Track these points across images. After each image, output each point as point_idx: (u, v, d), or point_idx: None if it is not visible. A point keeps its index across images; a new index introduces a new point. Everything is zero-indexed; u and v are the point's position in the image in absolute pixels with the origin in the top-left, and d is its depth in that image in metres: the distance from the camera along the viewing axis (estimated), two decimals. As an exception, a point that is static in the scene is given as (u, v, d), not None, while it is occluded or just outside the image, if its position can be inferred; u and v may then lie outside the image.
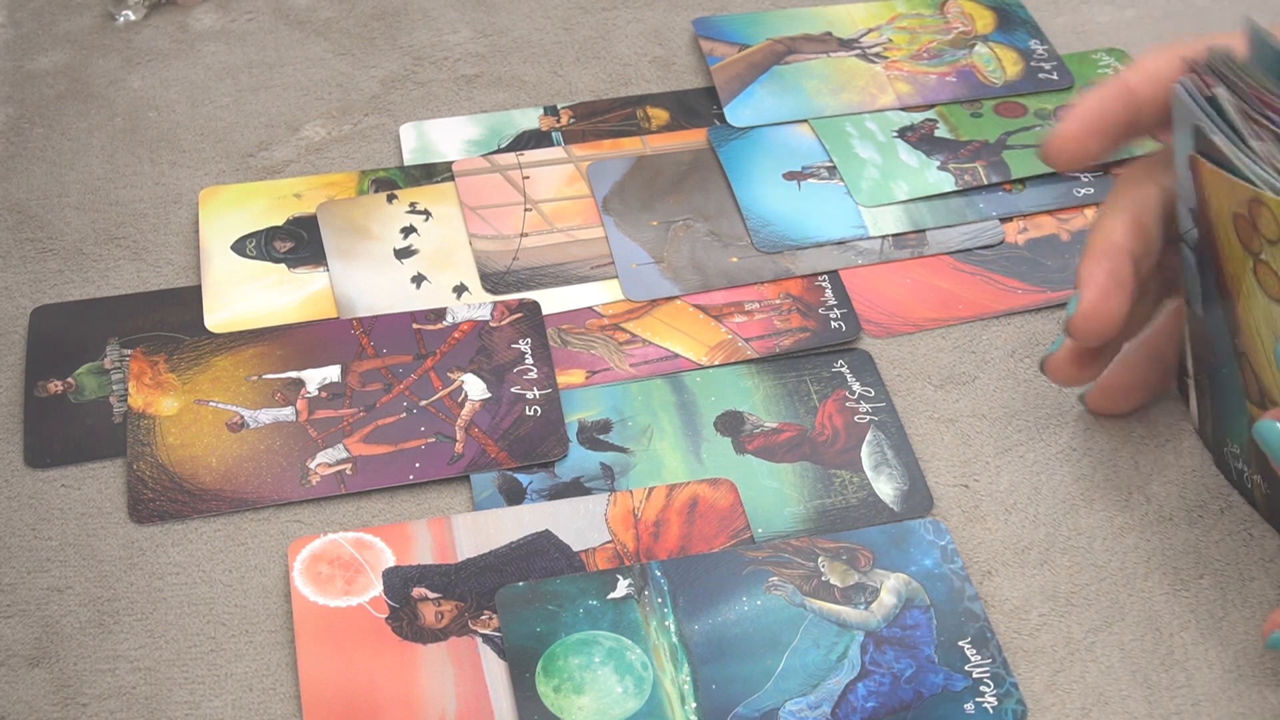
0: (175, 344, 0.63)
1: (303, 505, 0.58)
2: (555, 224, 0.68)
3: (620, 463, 0.59)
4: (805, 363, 0.63)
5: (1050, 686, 0.53)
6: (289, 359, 0.62)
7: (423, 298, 0.65)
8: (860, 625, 0.54)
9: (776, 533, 0.57)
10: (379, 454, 0.59)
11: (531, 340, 0.63)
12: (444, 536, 0.56)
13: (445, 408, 0.61)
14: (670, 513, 0.57)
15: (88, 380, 0.62)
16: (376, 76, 0.76)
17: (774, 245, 0.67)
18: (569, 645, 0.53)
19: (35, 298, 0.65)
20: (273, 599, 0.55)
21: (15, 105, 0.74)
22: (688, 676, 0.52)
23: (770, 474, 0.59)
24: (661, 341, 0.63)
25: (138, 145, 0.72)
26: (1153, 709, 0.52)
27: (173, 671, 0.53)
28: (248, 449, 0.59)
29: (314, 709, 0.51)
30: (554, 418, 0.60)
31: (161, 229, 0.68)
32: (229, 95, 0.75)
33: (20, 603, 0.55)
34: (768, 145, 0.71)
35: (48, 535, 0.57)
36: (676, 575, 0.55)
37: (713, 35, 0.77)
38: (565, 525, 0.57)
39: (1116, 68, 0.75)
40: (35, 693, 0.52)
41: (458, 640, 0.53)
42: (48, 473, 0.59)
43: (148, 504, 0.58)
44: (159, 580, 0.56)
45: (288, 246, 0.67)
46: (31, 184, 0.70)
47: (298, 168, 0.71)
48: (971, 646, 0.53)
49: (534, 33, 0.78)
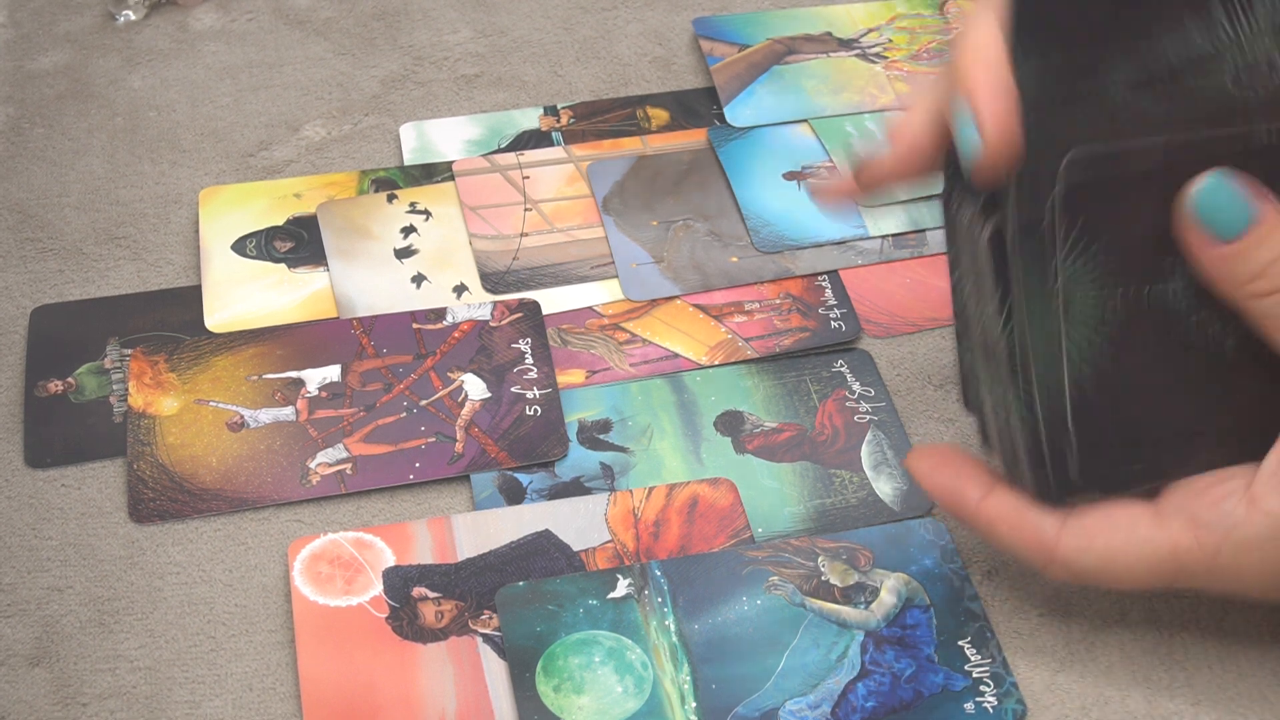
0: (175, 344, 0.63)
1: (303, 505, 0.58)
2: (555, 224, 0.68)
3: (620, 462, 0.59)
4: (805, 363, 0.63)
5: (1050, 686, 0.53)
6: (289, 359, 0.62)
7: (423, 297, 0.65)
8: (860, 625, 0.54)
9: (776, 532, 0.57)
10: (379, 454, 0.59)
11: (531, 340, 0.63)
12: (444, 536, 0.56)
13: (445, 407, 0.61)
14: (670, 512, 0.57)
15: (88, 380, 0.62)
16: (377, 76, 0.76)
17: (774, 245, 0.67)
18: (569, 645, 0.53)
19: (35, 297, 0.65)
20: (273, 599, 0.55)
21: (15, 105, 0.74)
22: (688, 676, 0.52)
23: (770, 474, 0.59)
24: (661, 341, 0.63)
25: (138, 145, 0.72)
26: (1153, 709, 0.52)
27: (173, 671, 0.53)
28: (248, 449, 0.59)
29: (314, 709, 0.51)
30: (554, 417, 0.60)
31: (162, 229, 0.68)
32: (229, 95, 0.75)
33: (20, 602, 0.55)
34: (768, 145, 0.71)
35: (48, 535, 0.57)
36: (676, 575, 0.55)
37: (713, 35, 0.77)
38: (565, 525, 0.57)
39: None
40: (35, 692, 0.52)
41: (458, 640, 0.53)
42: (48, 472, 0.59)
43: (148, 504, 0.58)
44: (159, 580, 0.56)
45: (288, 246, 0.67)
46: (32, 184, 0.70)
47: (298, 168, 0.71)
48: (971, 646, 0.53)
49: (534, 33, 0.78)
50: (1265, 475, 0.46)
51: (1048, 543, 0.48)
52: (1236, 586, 0.48)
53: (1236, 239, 0.45)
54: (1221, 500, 0.47)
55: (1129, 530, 0.48)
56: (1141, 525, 0.48)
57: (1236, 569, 0.47)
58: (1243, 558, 0.46)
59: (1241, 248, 0.45)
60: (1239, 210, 0.45)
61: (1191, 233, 0.45)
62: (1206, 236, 0.45)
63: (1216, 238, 0.45)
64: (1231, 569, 0.47)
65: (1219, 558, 0.47)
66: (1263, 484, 0.46)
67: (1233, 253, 0.45)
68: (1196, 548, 0.47)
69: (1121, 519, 0.48)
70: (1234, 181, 0.45)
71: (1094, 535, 0.48)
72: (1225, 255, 0.45)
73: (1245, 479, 0.47)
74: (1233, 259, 0.45)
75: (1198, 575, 0.47)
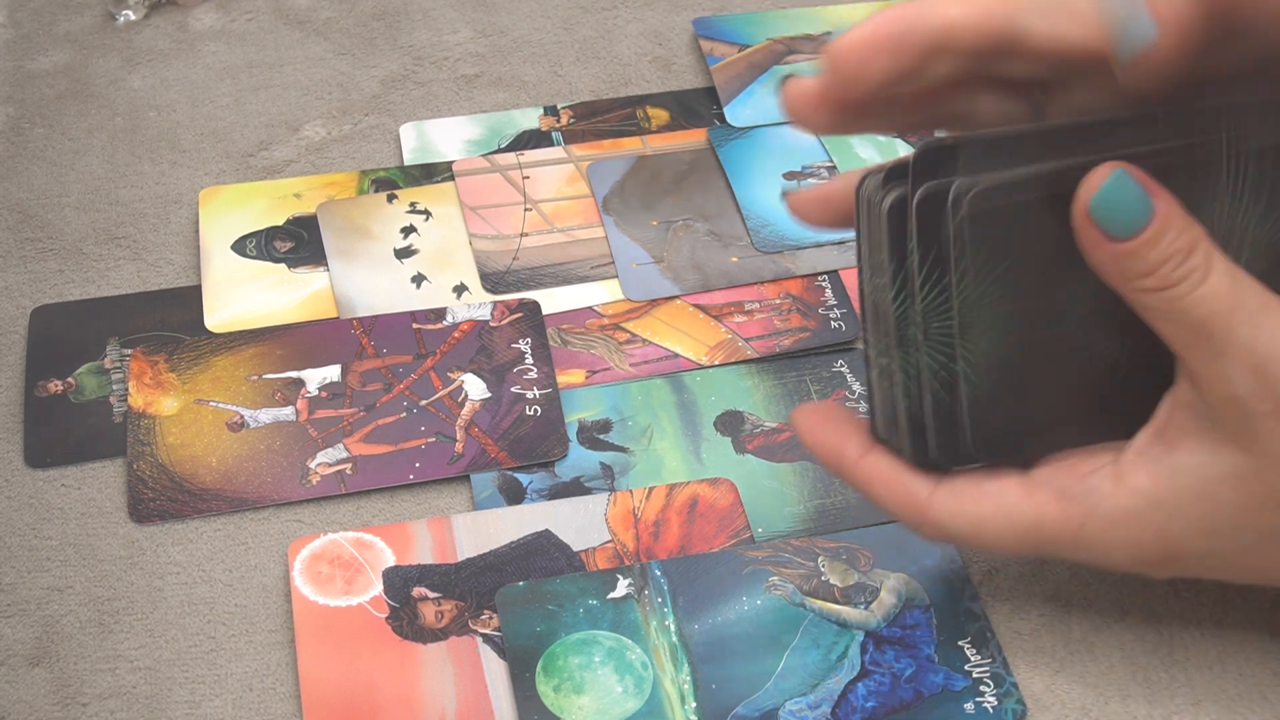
0: (175, 344, 0.63)
1: (303, 505, 0.58)
2: (555, 224, 0.68)
3: (620, 462, 0.59)
4: (805, 363, 0.63)
5: (1050, 687, 0.53)
6: (289, 359, 0.62)
7: (423, 297, 0.65)
8: (860, 625, 0.54)
9: (776, 532, 0.57)
10: (379, 454, 0.59)
11: (531, 340, 0.63)
12: (444, 536, 0.56)
13: (445, 407, 0.61)
14: (670, 512, 0.57)
15: (88, 380, 0.62)
16: (376, 76, 0.76)
17: (774, 245, 0.67)
18: (569, 645, 0.53)
19: (35, 297, 0.65)
20: (273, 599, 0.55)
21: (15, 105, 0.74)
22: (688, 676, 0.52)
23: (770, 474, 0.59)
24: (661, 341, 0.63)
25: (138, 145, 0.72)
26: (1153, 709, 0.52)
27: (173, 671, 0.53)
28: (248, 449, 0.59)
29: (314, 709, 0.51)
30: (554, 417, 0.60)
31: (161, 229, 0.68)
32: (229, 95, 0.75)
33: (20, 602, 0.55)
34: (768, 145, 0.71)
35: (48, 535, 0.57)
36: (676, 575, 0.55)
37: (713, 35, 0.77)
38: (565, 525, 0.57)
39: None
40: (35, 692, 0.52)
41: (458, 640, 0.53)
42: (48, 472, 0.59)
43: (148, 504, 0.58)
44: (159, 580, 0.56)
45: (288, 246, 0.67)
46: (32, 184, 0.70)
47: (298, 167, 0.71)
48: (971, 646, 0.53)
49: (534, 33, 0.78)
50: (1132, 453, 0.47)
51: (919, 504, 0.49)
52: (1102, 560, 0.48)
53: (1131, 239, 0.45)
54: (1088, 474, 0.47)
55: (998, 498, 0.48)
56: (1010, 494, 0.48)
57: (1101, 543, 0.47)
58: (1107, 532, 0.47)
59: (1134, 247, 0.45)
60: (1135, 210, 0.45)
61: (1087, 229, 0.45)
62: (1102, 234, 0.45)
63: (1112, 236, 0.45)
64: (1096, 542, 0.47)
65: (1083, 531, 0.47)
66: (1129, 461, 0.47)
67: (1125, 251, 0.45)
68: (1062, 519, 0.47)
69: (991, 487, 0.48)
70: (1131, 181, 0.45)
71: (964, 500, 0.48)
72: (1118, 253, 0.45)
73: (1114, 455, 0.47)
74: (1125, 257, 0.45)
75: (1064, 546, 0.48)
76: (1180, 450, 0.46)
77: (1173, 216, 0.45)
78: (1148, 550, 0.47)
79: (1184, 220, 0.45)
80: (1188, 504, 0.46)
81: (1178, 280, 0.45)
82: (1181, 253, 0.45)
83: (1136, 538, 0.47)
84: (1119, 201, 0.45)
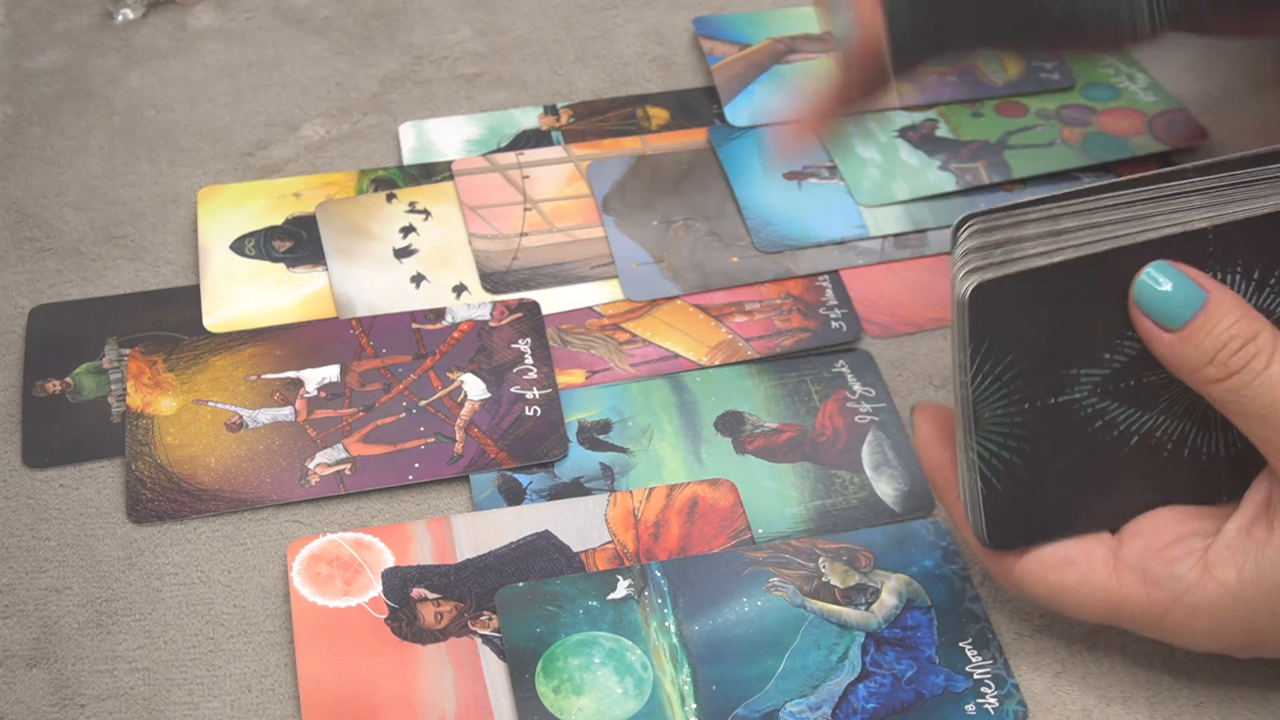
0: (174, 344, 0.63)
1: (302, 505, 0.58)
2: (555, 223, 0.68)
3: (620, 463, 0.59)
4: (806, 363, 0.63)
5: (1051, 688, 0.52)
6: (288, 359, 0.62)
7: (422, 297, 0.65)
8: (861, 626, 0.54)
9: (777, 533, 0.57)
10: (378, 454, 0.59)
11: (531, 340, 0.63)
12: (443, 537, 0.56)
13: (445, 408, 0.61)
14: (670, 513, 0.57)
15: (86, 380, 0.62)
16: (376, 76, 0.76)
17: (774, 245, 0.67)
18: (569, 646, 0.53)
19: (34, 297, 0.65)
20: (272, 599, 0.55)
21: (14, 104, 0.74)
22: (688, 677, 0.52)
23: (770, 474, 0.59)
24: (661, 341, 0.63)
25: (136, 144, 0.72)
26: (1153, 709, 0.52)
27: (171, 672, 0.53)
28: (247, 449, 0.59)
29: (313, 709, 0.51)
30: (554, 418, 0.60)
31: (160, 228, 0.68)
32: (228, 94, 0.75)
33: (19, 603, 0.55)
34: (768, 145, 0.71)
35: (46, 535, 0.57)
36: (676, 576, 0.55)
37: (713, 34, 0.77)
38: (565, 525, 0.57)
39: (1118, 66, 0.75)
40: (34, 693, 0.52)
41: (457, 640, 0.53)
42: (46, 473, 0.59)
43: (146, 504, 0.57)
44: (158, 580, 0.56)
45: (287, 246, 0.67)
46: (30, 183, 0.70)
47: (297, 167, 0.71)
48: (972, 647, 0.53)
49: (534, 32, 0.78)
50: (1221, 544, 0.47)
51: (1006, 562, 0.50)
52: (1184, 642, 0.49)
53: (1183, 328, 0.45)
54: (1175, 561, 0.48)
55: (1084, 570, 0.49)
56: (1096, 572, 0.49)
57: (1184, 629, 0.48)
58: (1190, 621, 0.48)
59: (1188, 334, 0.45)
60: (1181, 300, 0.45)
61: (1141, 322, 0.46)
62: (1155, 325, 0.46)
63: (1163, 327, 0.46)
64: (1179, 628, 0.48)
65: (1167, 616, 0.48)
66: (1218, 552, 0.47)
67: (1180, 339, 0.45)
68: (1146, 604, 0.48)
69: (1079, 556, 0.49)
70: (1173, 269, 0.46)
71: (1049, 568, 0.49)
72: (1174, 342, 0.46)
73: (1204, 542, 0.48)
74: (1180, 344, 0.46)
75: (1145, 627, 0.49)
76: (1269, 547, 0.46)
77: (1225, 302, 0.45)
78: (1232, 638, 0.48)
79: (1240, 307, 0.45)
80: (1273, 600, 0.46)
81: (1239, 366, 0.45)
82: (1239, 338, 0.45)
83: (1222, 628, 0.47)
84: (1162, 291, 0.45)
